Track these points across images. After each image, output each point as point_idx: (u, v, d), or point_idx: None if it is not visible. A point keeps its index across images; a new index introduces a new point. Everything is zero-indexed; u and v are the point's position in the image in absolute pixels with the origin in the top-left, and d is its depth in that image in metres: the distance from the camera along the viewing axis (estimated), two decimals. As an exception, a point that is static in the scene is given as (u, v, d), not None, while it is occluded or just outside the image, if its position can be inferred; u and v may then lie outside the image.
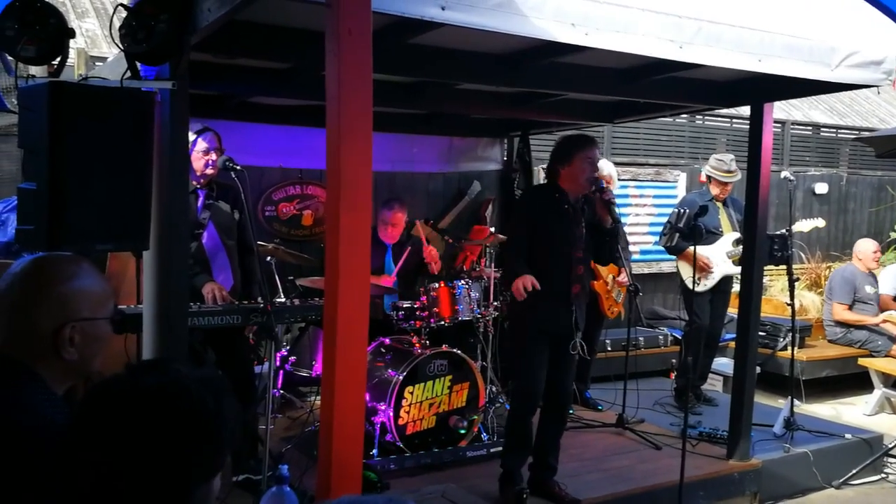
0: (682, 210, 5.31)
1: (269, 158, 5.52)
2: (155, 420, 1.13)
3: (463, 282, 4.73)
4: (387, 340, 4.62)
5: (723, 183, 5.58)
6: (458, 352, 4.50)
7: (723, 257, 5.53)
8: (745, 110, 4.55)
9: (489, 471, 4.05)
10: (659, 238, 5.82)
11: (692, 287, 4.83)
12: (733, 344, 5.25)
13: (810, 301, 7.87)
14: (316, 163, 5.53)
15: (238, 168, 3.58)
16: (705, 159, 5.98)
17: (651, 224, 7.36)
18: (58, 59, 2.58)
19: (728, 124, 8.23)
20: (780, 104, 8.42)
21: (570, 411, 4.75)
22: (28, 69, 2.66)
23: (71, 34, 2.57)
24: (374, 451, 4.13)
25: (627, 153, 7.47)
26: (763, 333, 6.55)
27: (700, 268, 5.45)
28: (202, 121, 4.00)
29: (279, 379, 4.81)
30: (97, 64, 4.83)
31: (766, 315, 6.61)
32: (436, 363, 4.38)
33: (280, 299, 4.27)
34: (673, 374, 6.19)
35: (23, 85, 2.58)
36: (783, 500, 4.65)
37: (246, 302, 3.68)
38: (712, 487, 4.34)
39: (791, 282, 5.29)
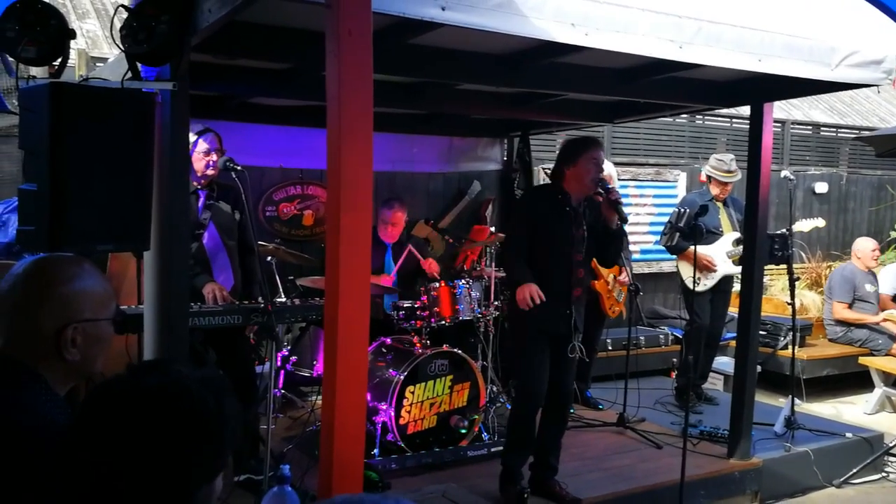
0: (683, 210, 5.31)
1: (270, 159, 5.52)
2: (156, 420, 1.13)
3: (463, 281, 4.73)
4: (388, 340, 4.63)
5: (723, 183, 5.58)
6: (459, 351, 4.50)
7: (723, 257, 5.53)
8: (745, 110, 4.55)
9: (490, 470, 4.05)
10: (660, 238, 5.83)
11: (692, 287, 4.83)
12: (734, 343, 5.25)
13: (811, 300, 7.88)
14: (316, 163, 5.53)
15: (239, 168, 3.58)
16: (705, 159, 5.98)
17: (651, 224, 7.36)
18: (58, 60, 2.58)
19: (728, 124, 8.22)
20: (780, 104, 8.41)
21: (571, 410, 4.75)
22: (29, 70, 2.66)
23: (72, 35, 2.57)
24: (376, 451, 4.13)
25: (627, 153, 7.47)
26: (764, 332, 6.54)
27: (704, 266, 5.46)
28: (203, 121, 4.00)
29: (280, 379, 4.81)
30: (98, 65, 4.83)
31: (767, 314, 6.63)
32: (437, 363, 4.39)
33: (281, 299, 4.27)
34: (674, 374, 6.18)
35: (23, 86, 2.58)
36: (784, 499, 4.65)
37: (246, 302, 3.69)
38: (713, 486, 4.34)
39: (791, 281, 5.29)
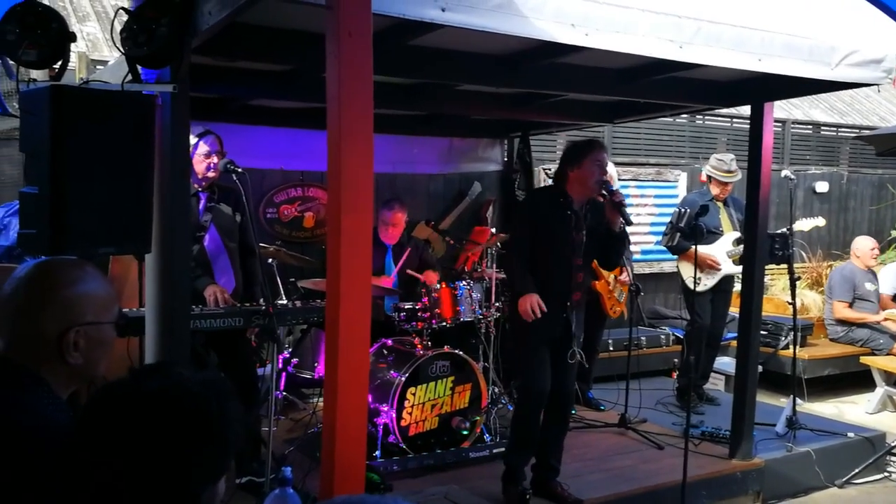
0: (683, 210, 5.31)
1: (271, 161, 5.52)
2: (158, 423, 1.13)
3: (464, 283, 4.73)
4: (389, 342, 4.63)
5: (723, 183, 5.57)
6: (460, 353, 4.50)
7: (723, 257, 5.52)
8: (746, 110, 4.55)
9: (492, 472, 4.05)
10: (661, 238, 5.83)
11: (693, 287, 4.83)
12: (735, 343, 5.24)
13: (811, 300, 7.88)
14: (317, 165, 5.53)
15: (239, 170, 3.58)
16: (706, 159, 5.97)
17: (652, 224, 7.36)
18: (59, 63, 2.59)
19: (728, 124, 8.22)
20: (781, 103, 8.40)
21: (573, 411, 4.74)
22: (29, 73, 2.67)
23: (72, 38, 2.57)
24: (377, 453, 4.13)
25: (628, 153, 7.47)
26: (765, 332, 6.54)
27: (709, 266, 5.46)
28: (203, 124, 4.00)
29: (281, 381, 4.81)
30: (98, 67, 4.84)
31: (768, 314, 6.63)
32: (438, 364, 4.38)
33: (282, 301, 4.27)
34: (675, 374, 6.19)
35: (24, 89, 2.58)
36: (786, 500, 4.65)
37: (248, 304, 3.69)
38: (715, 487, 4.33)
39: (792, 281, 5.29)
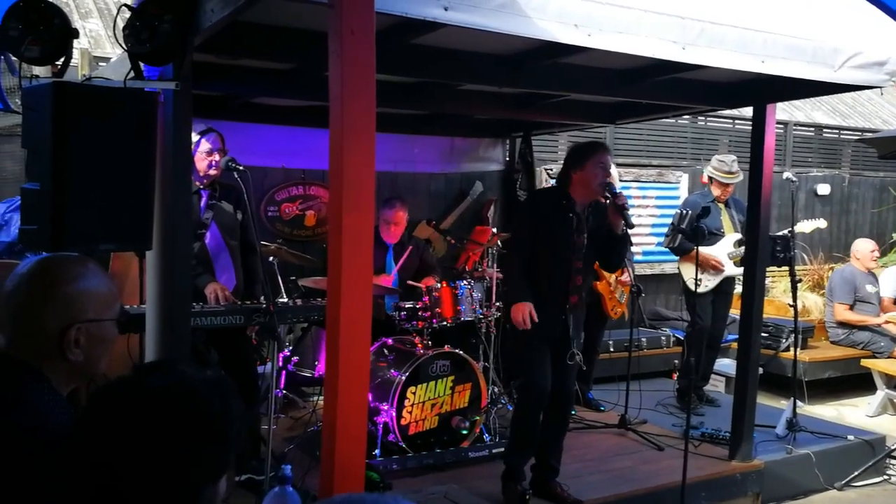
0: (685, 211, 5.31)
1: (272, 159, 5.52)
2: (162, 421, 1.13)
3: (465, 282, 4.72)
4: (389, 341, 4.63)
5: (724, 184, 5.57)
6: (461, 352, 4.50)
7: (725, 258, 5.52)
8: (748, 111, 4.54)
9: (491, 471, 4.04)
10: (663, 239, 5.83)
11: (694, 288, 4.82)
12: (735, 345, 5.24)
13: (812, 302, 7.87)
14: (319, 163, 5.53)
15: (241, 168, 3.58)
16: (708, 160, 5.97)
17: (653, 225, 7.35)
18: (61, 60, 2.59)
19: (730, 125, 8.22)
20: (783, 105, 8.42)
21: (573, 412, 4.74)
22: (32, 69, 2.67)
23: (75, 34, 2.57)
24: (377, 452, 4.13)
25: (630, 154, 7.46)
26: (765, 334, 6.54)
27: (713, 267, 5.46)
28: (205, 121, 4.00)
29: (282, 379, 4.81)
30: (100, 64, 4.84)
31: (769, 316, 6.63)
32: (438, 364, 4.38)
33: (282, 299, 4.27)
34: (675, 375, 6.18)
35: (26, 85, 2.58)
36: (785, 502, 4.65)
37: (248, 302, 3.69)
38: (715, 488, 4.33)
39: (793, 283, 5.29)
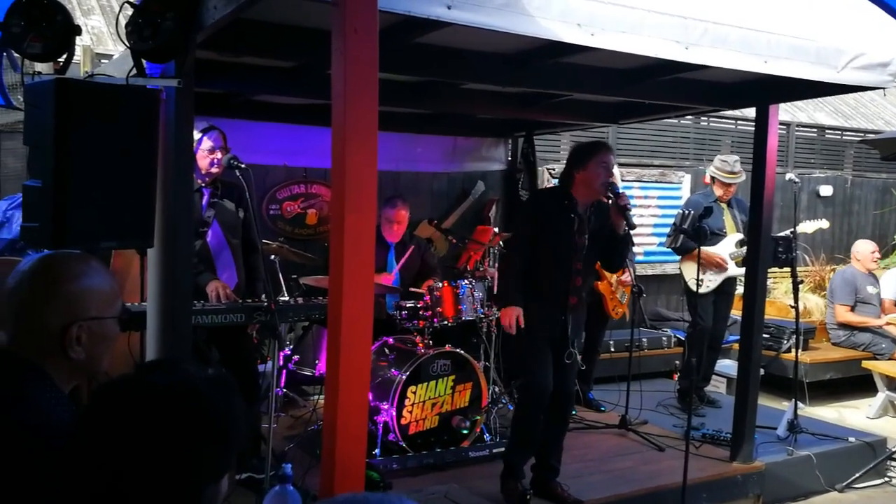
0: (687, 211, 5.30)
1: (274, 157, 5.52)
2: (164, 419, 1.12)
3: (466, 282, 4.72)
4: (390, 340, 4.63)
5: (726, 184, 5.56)
6: (461, 352, 4.50)
7: (726, 259, 5.52)
8: (751, 112, 4.53)
9: (492, 471, 4.04)
10: (665, 239, 5.82)
11: (695, 289, 4.81)
12: (737, 346, 5.24)
13: (814, 303, 7.87)
14: (321, 162, 5.53)
15: (243, 166, 3.58)
16: (710, 161, 5.96)
17: (655, 226, 7.35)
18: (64, 57, 2.59)
19: (733, 126, 8.21)
20: (786, 106, 8.40)
21: (573, 412, 4.74)
22: (34, 66, 2.66)
23: (77, 31, 2.57)
24: (377, 451, 4.13)
25: (632, 154, 7.45)
26: (767, 336, 6.53)
27: (716, 265, 5.45)
28: (207, 119, 4.00)
29: (282, 378, 4.81)
30: (103, 61, 4.83)
31: (770, 317, 6.61)
32: (439, 363, 4.38)
33: (284, 298, 4.27)
34: (676, 376, 6.17)
35: (29, 82, 2.58)
36: (786, 503, 4.64)
37: (250, 300, 3.69)
38: (715, 489, 4.32)
39: (795, 284, 5.28)
